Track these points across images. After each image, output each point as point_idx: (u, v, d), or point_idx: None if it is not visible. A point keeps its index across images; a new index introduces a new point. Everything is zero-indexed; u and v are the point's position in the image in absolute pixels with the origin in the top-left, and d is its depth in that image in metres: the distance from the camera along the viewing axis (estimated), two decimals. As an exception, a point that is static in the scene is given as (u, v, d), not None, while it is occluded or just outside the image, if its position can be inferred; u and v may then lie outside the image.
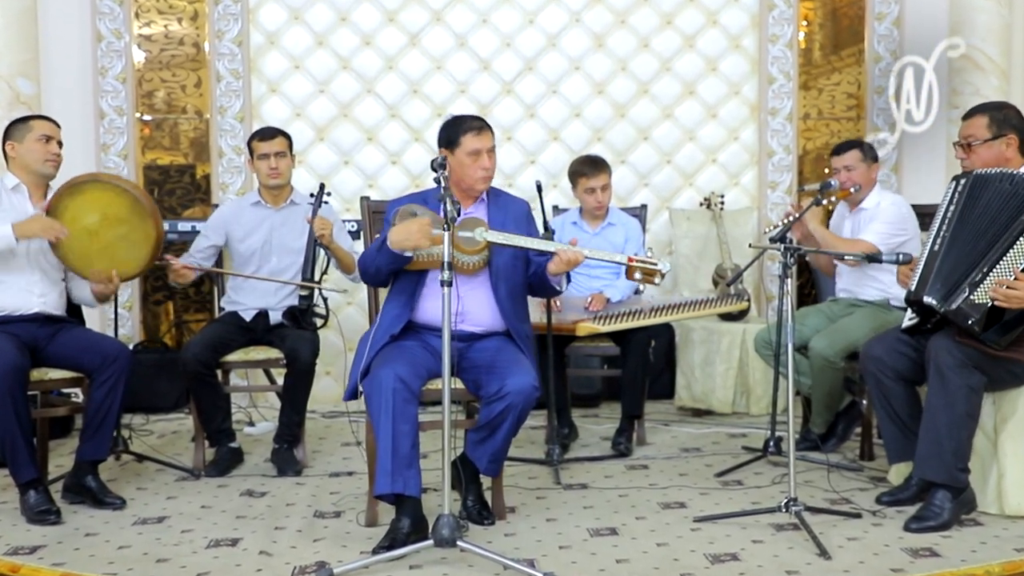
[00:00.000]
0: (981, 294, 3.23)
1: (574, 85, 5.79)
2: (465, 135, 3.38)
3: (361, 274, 3.44)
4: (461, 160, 3.38)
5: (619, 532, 3.31)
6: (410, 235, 3.20)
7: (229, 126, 5.60)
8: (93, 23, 5.48)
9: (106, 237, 3.79)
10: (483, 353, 3.35)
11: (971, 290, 3.24)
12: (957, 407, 3.24)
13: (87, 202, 3.77)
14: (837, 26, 5.83)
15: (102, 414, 3.63)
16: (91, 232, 3.77)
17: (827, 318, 4.30)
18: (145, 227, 3.83)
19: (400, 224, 3.26)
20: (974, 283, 3.25)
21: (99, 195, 3.79)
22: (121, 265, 3.83)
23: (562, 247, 3.25)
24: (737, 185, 5.86)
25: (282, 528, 3.41)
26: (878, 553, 3.07)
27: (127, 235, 3.82)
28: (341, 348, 5.43)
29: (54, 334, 3.74)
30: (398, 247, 3.22)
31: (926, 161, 5.76)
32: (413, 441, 3.12)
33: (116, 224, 3.80)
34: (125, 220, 3.81)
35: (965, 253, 3.30)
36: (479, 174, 3.39)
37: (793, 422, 3.37)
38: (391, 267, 3.31)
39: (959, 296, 3.26)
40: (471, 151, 3.38)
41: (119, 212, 3.80)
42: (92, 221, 3.77)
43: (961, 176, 3.46)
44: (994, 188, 3.32)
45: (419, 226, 3.20)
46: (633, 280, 3.27)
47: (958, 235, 3.34)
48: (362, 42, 5.70)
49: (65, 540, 3.30)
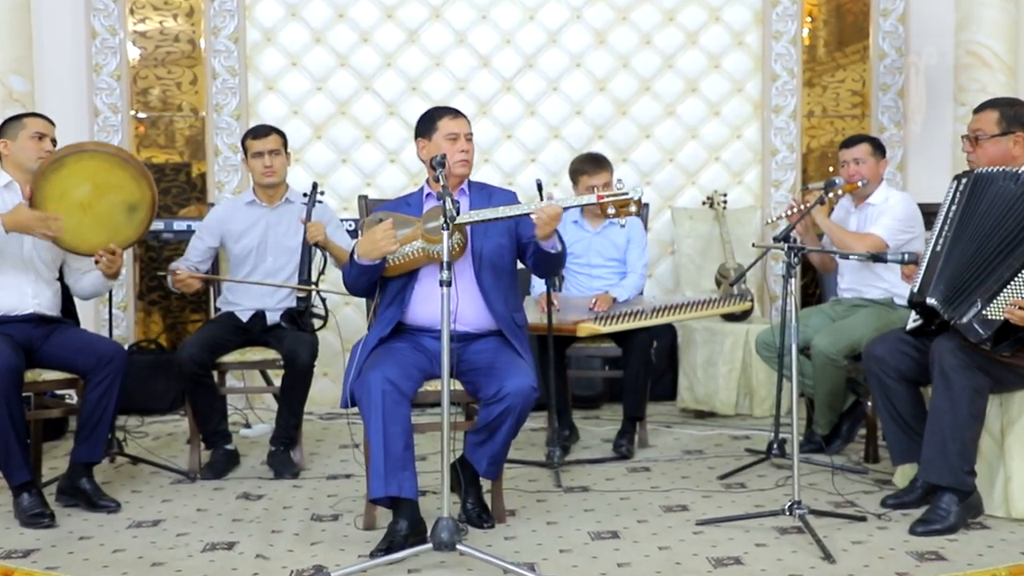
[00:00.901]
0: (995, 310, 3.20)
1: (575, 82, 5.79)
2: (442, 119, 3.45)
3: (346, 287, 3.45)
4: (439, 145, 3.41)
5: (621, 535, 3.31)
6: (375, 243, 3.22)
7: (225, 124, 5.60)
8: (87, 19, 5.48)
9: (100, 207, 3.74)
10: (481, 355, 3.35)
11: (983, 304, 3.21)
12: (962, 409, 3.24)
13: (72, 174, 3.70)
14: (842, 22, 5.83)
15: (97, 416, 3.63)
16: (83, 205, 3.71)
17: (830, 319, 4.31)
18: (140, 189, 3.79)
19: (365, 234, 3.28)
20: (986, 297, 3.22)
21: (84, 164, 3.72)
22: (121, 232, 3.79)
23: (537, 205, 3.17)
24: (740, 184, 5.86)
25: (279, 531, 3.41)
26: (883, 557, 3.07)
27: (123, 200, 3.77)
28: (339, 349, 5.42)
29: (48, 335, 3.73)
30: (367, 257, 3.25)
31: (931, 159, 5.76)
32: (406, 443, 3.12)
33: (108, 191, 3.75)
34: (117, 185, 3.76)
35: (969, 255, 3.29)
36: (458, 157, 3.41)
37: (797, 424, 3.37)
38: (368, 278, 3.34)
39: (970, 309, 3.23)
40: (448, 134, 3.42)
41: (109, 178, 3.75)
42: (83, 193, 3.71)
43: (962, 175, 3.45)
44: (998, 187, 3.31)
45: (383, 232, 3.21)
46: (609, 216, 3.11)
47: (960, 235, 3.33)
48: (360, 39, 5.70)
49: (59, 543, 3.30)
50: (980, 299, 3.23)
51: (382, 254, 3.25)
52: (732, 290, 5.03)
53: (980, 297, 3.23)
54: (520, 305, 3.54)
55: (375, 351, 3.31)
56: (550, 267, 3.51)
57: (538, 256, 3.37)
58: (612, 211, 3.12)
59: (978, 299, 3.23)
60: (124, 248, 3.87)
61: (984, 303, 3.22)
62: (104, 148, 3.84)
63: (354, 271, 3.31)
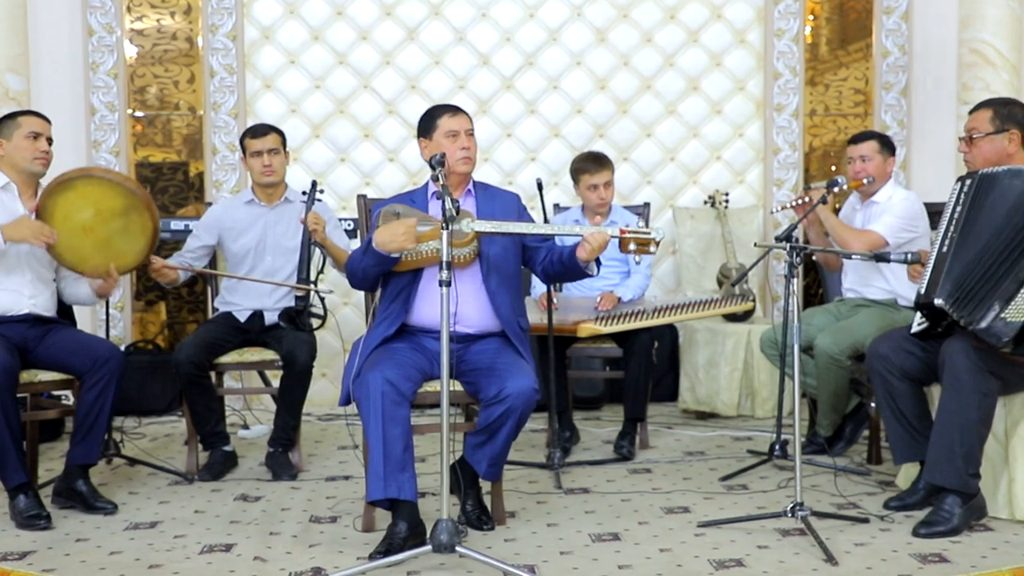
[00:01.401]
0: (1014, 312, 3.19)
1: (575, 80, 5.79)
2: (441, 117, 3.43)
3: (349, 277, 3.42)
4: (440, 143, 3.39)
5: (622, 537, 3.31)
6: (395, 236, 3.20)
7: (223, 122, 5.60)
8: (84, 17, 5.48)
9: (101, 232, 3.78)
10: (481, 355, 3.35)
11: (1002, 307, 3.20)
12: (970, 412, 3.23)
13: (78, 197, 3.75)
14: (844, 20, 5.83)
15: (93, 417, 3.62)
16: (86, 228, 3.76)
17: (834, 318, 4.30)
18: (142, 219, 3.82)
19: (384, 225, 3.27)
20: (1004, 299, 3.20)
21: (91, 190, 3.77)
22: (119, 258, 3.83)
23: (588, 231, 3.22)
24: (742, 183, 5.86)
25: (277, 534, 3.40)
26: (886, 559, 3.06)
27: (124, 228, 3.81)
28: (338, 349, 5.43)
29: (44, 335, 3.73)
30: (384, 248, 3.22)
31: (935, 158, 5.76)
32: (406, 444, 3.12)
33: (111, 218, 3.79)
34: (120, 214, 3.80)
35: (977, 254, 3.28)
36: (459, 155, 3.40)
37: (799, 425, 3.37)
38: (378, 269, 3.31)
39: (988, 313, 3.21)
40: (448, 131, 3.40)
41: (113, 206, 3.79)
42: (86, 217, 3.76)
43: (966, 176, 3.45)
44: (1003, 185, 3.31)
45: (405, 227, 3.20)
46: (628, 252, 3.19)
47: (967, 235, 3.32)
48: (359, 36, 5.70)
49: (55, 546, 3.30)
50: (998, 302, 3.21)
51: (400, 249, 3.23)
52: (734, 290, 5.03)
53: (998, 300, 3.21)
54: (524, 310, 3.54)
55: (375, 351, 3.30)
56: (570, 281, 3.61)
57: (563, 269, 3.38)
58: (633, 247, 3.18)
59: (995, 302, 3.21)
60: (122, 274, 3.90)
61: (1003, 306, 3.20)
62: (111, 176, 3.87)
63: (367, 260, 3.28)
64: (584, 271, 3.32)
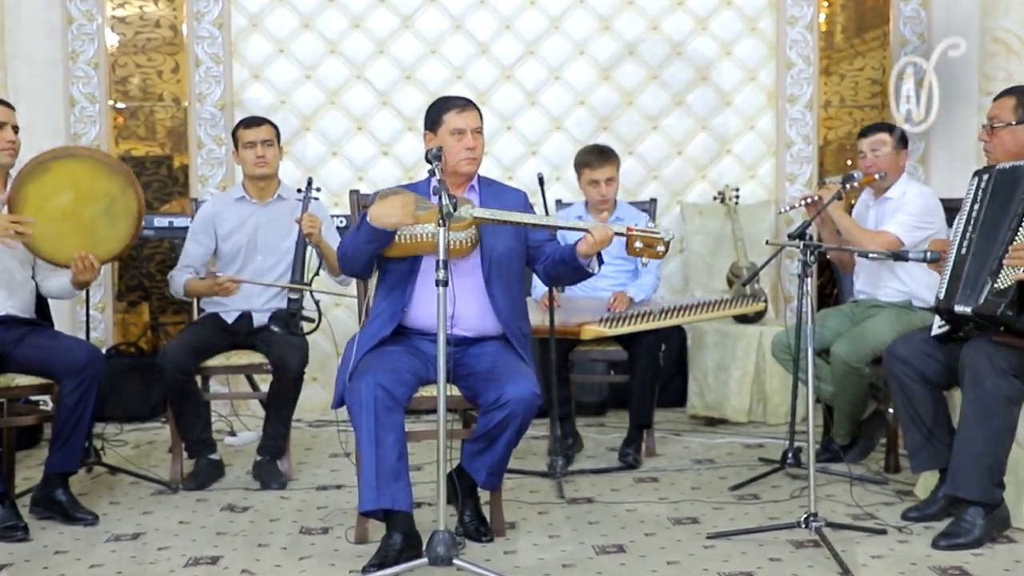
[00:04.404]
0: (1004, 279, 3.22)
1: (578, 70, 5.80)
2: (447, 113, 3.41)
3: (340, 260, 3.40)
4: (444, 141, 3.37)
5: (627, 549, 3.31)
6: (392, 210, 3.18)
7: (209, 114, 5.60)
8: (63, 4, 5.48)
9: (83, 216, 3.73)
10: (480, 359, 3.35)
11: (992, 280, 3.23)
12: (994, 420, 3.23)
13: (55, 179, 3.69)
14: (860, 7, 5.83)
15: (72, 423, 3.62)
16: (66, 213, 3.70)
17: (849, 320, 4.30)
18: (126, 199, 3.78)
19: (381, 200, 3.24)
20: (993, 271, 3.24)
21: (69, 169, 3.72)
22: (102, 244, 3.77)
23: (592, 225, 3.22)
24: (753, 177, 5.87)
25: (265, 545, 3.41)
26: (904, 572, 3.07)
27: (107, 209, 3.76)
28: (330, 352, 5.42)
29: (21, 337, 3.72)
30: (379, 223, 3.18)
31: (955, 152, 5.76)
32: (400, 452, 3.12)
33: (92, 200, 3.74)
34: (102, 193, 3.75)
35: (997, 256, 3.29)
36: (462, 155, 3.38)
37: (813, 432, 3.37)
38: (372, 247, 3.25)
39: (983, 290, 3.25)
40: (453, 130, 3.38)
41: (94, 186, 3.75)
42: (64, 201, 3.70)
43: (983, 171, 3.45)
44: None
45: (403, 201, 3.19)
46: (635, 253, 3.19)
47: (986, 235, 3.33)
48: (351, 24, 5.71)
49: (33, 558, 3.30)
50: (988, 276, 3.25)
51: (396, 224, 3.19)
52: (745, 290, 5.03)
53: (988, 276, 3.25)
54: (526, 313, 3.54)
55: (367, 355, 3.29)
56: (572, 282, 3.56)
57: (560, 267, 3.37)
58: (639, 246, 3.16)
59: (987, 276, 3.25)
60: (105, 261, 3.86)
61: (992, 278, 3.24)
62: (91, 153, 3.82)
63: (360, 236, 3.24)
64: (585, 268, 3.31)
